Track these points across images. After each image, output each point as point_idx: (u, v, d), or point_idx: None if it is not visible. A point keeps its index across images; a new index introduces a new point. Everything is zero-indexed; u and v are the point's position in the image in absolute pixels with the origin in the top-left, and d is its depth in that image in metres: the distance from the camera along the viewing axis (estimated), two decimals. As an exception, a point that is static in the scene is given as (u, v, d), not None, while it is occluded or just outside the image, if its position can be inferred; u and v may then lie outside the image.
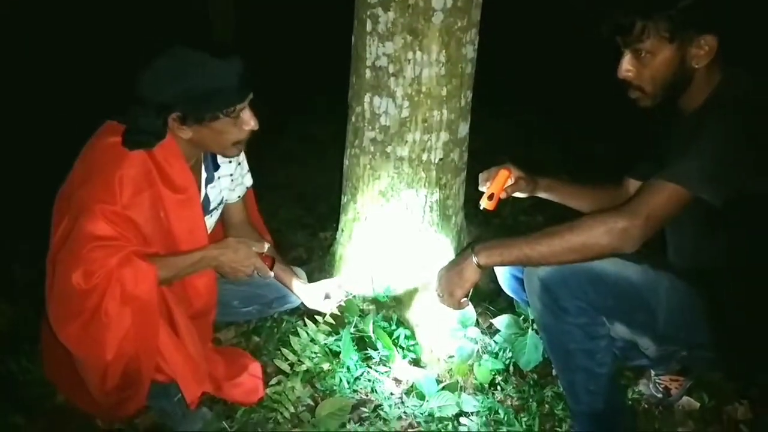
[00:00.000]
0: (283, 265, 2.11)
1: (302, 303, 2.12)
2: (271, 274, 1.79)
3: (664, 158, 1.48)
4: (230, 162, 1.89)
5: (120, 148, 1.58)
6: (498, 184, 1.79)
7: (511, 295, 1.94)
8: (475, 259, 1.54)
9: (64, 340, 1.55)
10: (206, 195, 1.83)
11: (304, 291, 2.09)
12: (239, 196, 2.03)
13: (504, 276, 1.91)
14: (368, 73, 1.99)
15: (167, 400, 1.77)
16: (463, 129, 2.12)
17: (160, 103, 1.54)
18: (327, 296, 2.07)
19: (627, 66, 1.50)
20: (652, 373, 2.02)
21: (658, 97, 1.52)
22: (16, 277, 2.46)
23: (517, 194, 1.85)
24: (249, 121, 1.64)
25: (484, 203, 1.79)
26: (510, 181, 1.81)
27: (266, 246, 1.77)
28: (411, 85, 1.95)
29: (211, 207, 1.87)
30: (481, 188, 1.84)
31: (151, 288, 1.54)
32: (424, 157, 2.06)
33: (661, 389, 1.99)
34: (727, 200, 1.40)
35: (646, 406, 1.99)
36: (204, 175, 1.82)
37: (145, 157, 1.60)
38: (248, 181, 2.04)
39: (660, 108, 1.56)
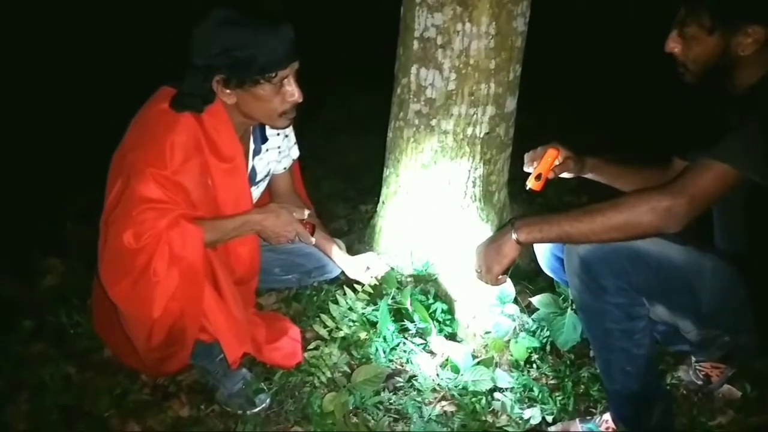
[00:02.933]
0: (325, 234, 2.13)
1: (342, 273, 2.15)
2: (312, 239, 1.81)
3: (715, 137, 1.44)
4: (278, 134, 1.91)
5: (171, 114, 1.61)
6: (546, 164, 1.75)
7: (551, 275, 1.92)
8: (514, 235, 1.53)
9: (114, 297, 1.61)
10: (253, 167, 1.86)
11: (345, 261, 2.11)
12: (285, 168, 2.05)
13: (544, 255, 1.88)
14: (416, 45, 1.98)
15: (209, 360, 1.83)
16: (511, 103, 2.09)
17: (205, 64, 1.57)
18: (368, 268, 2.10)
19: (672, 43, 1.50)
20: (693, 359, 1.99)
21: (701, 78, 1.51)
22: (67, 234, 2.56)
23: (564, 175, 1.82)
24: (293, 92, 1.65)
25: (531, 183, 1.76)
26: (558, 161, 1.78)
27: (306, 212, 1.79)
28: (459, 58, 1.94)
29: (258, 179, 1.90)
30: (527, 168, 1.80)
31: (197, 250, 1.58)
32: (469, 131, 2.04)
33: (701, 376, 1.95)
34: None
35: (684, 392, 1.95)
36: (252, 146, 1.84)
37: (195, 124, 1.63)
38: (295, 153, 2.06)
39: (711, 87, 1.53)
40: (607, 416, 1.74)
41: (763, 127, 1.35)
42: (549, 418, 1.84)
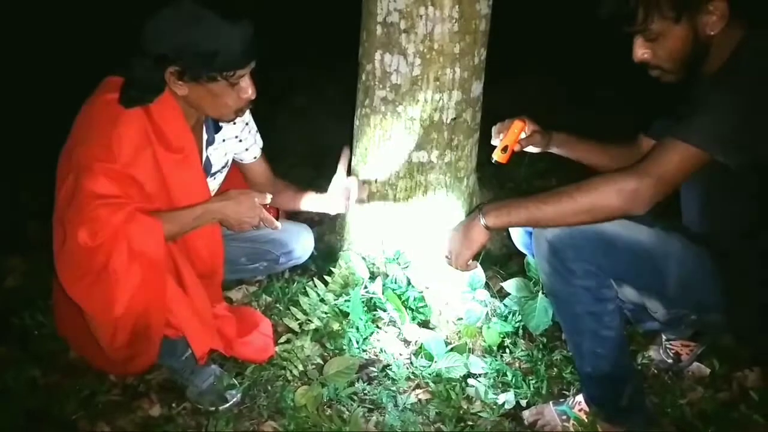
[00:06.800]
0: (297, 193, 2.08)
1: (311, 259, 2.10)
2: (278, 224, 1.78)
3: (682, 117, 1.44)
4: (234, 123, 1.87)
5: (117, 105, 1.57)
6: (512, 136, 1.74)
7: (524, 251, 1.92)
8: (483, 221, 1.52)
9: (74, 298, 1.57)
10: (207, 157, 1.82)
11: (322, 201, 2.04)
12: (255, 156, 2.02)
13: (516, 231, 1.88)
14: (379, 30, 1.94)
15: (175, 359, 1.80)
16: (477, 88, 2.07)
17: (160, 54, 1.52)
18: (348, 194, 2.02)
19: (640, 51, 1.47)
20: (663, 338, 2.01)
21: (681, 72, 1.48)
22: (28, 232, 2.49)
23: (531, 149, 1.81)
24: (247, 89, 1.62)
25: (497, 156, 1.75)
26: (524, 134, 1.77)
27: (269, 197, 1.76)
28: (423, 42, 1.91)
29: (214, 170, 1.86)
30: (494, 142, 1.80)
31: (157, 244, 1.55)
32: (436, 117, 2.02)
33: (671, 354, 1.98)
34: (743, 163, 1.36)
35: (655, 371, 1.98)
36: (205, 136, 1.80)
37: (142, 115, 1.59)
38: (260, 141, 2.03)
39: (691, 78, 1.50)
40: (580, 398, 1.75)
41: (730, 106, 1.35)
42: (523, 402, 1.85)
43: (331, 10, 4.33)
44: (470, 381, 1.89)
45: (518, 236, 1.89)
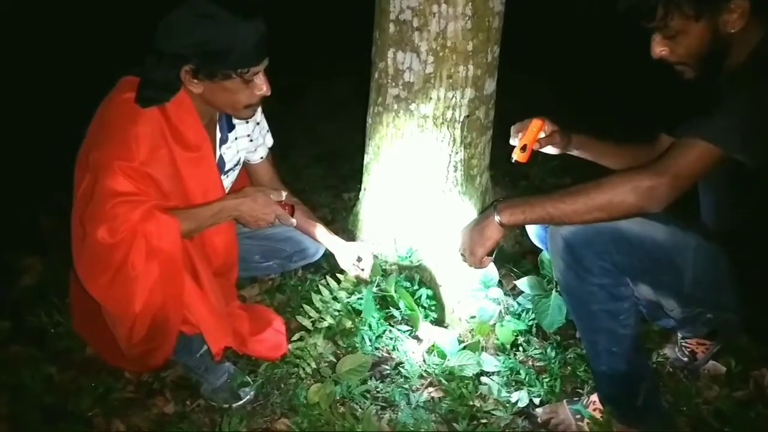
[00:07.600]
0: (311, 221, 2.06)
1: (324, 258, 2.11)
2: (293, 221, 1.78)
3: (700, 115, 1.43)
4: (247, 122, 1.88)
5: (134, 105, 1.58)
6: (531, 135, 1.72)
7: (539, 244, 1.90)
8: (497, 218, 1.52)
9: (93, 294, 1.58)
10: (221, 156, 1.83)
11: (336, 246, 2.04)
12: (262, 157, 2.02)
13: (532, 225, 1.87)
14: (392, 28, 1.94)
15: (189, 356, 1.82)
16: (490, 86, 2.07)
17: (175, 53, 1.53)
18: (359, 259, 2.03)
19: (659, 48, 1.46)
20: (679, 336, 1.99)
21: (700, 68, 1.46)
22: (45, 231, 2.51)
23: (550, 149, 1.79)
24: (261, 86, 1.63)
25: (517, 155, 1.73)
26: (543, 133, 1.75)
27: (284, 194, 1.76)
28: (436, 40, 1.91)
29: (227, 168, 1.86)
30: (513, 141, 1.77)
31: (174, 240, 1.56)
32: (449, 114, 2.02)
33: (687, 353, 1.96)
34: (759, 161, 1.35)
35: (670, 369, 1.96)
36: (218, 135, 1.81)
37: (158, 114, 1.60)
38: (269, 141, 2.03)
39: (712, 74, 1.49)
40: (594, 397, 1.74)
41: (748, 105, 1.34)
42: (536, 401, 1.84)
43: (343, 9, 4.34)
44: (483, 379, 1.89)
45: (533, 230, 1.88)
